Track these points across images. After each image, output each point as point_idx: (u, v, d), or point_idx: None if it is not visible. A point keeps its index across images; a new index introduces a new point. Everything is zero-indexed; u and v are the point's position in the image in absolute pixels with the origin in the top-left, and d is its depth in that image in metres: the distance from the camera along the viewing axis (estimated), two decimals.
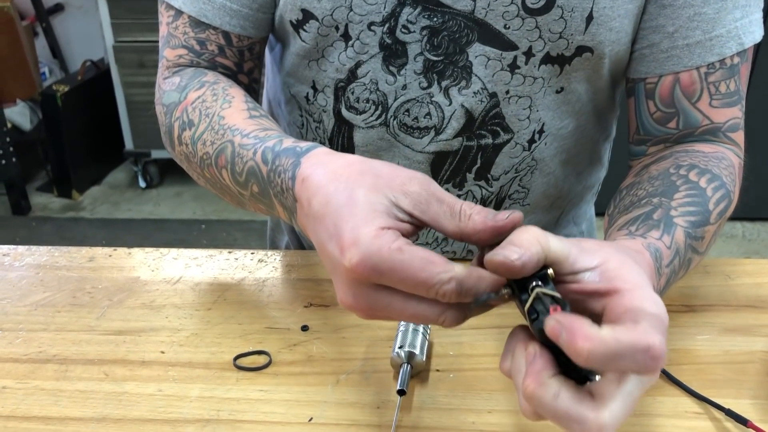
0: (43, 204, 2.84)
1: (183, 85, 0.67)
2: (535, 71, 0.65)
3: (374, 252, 0.39)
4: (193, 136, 0.63)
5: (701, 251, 0.58)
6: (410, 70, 0.67)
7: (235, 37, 0.69)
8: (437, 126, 0.68)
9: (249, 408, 0.56)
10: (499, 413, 0.55)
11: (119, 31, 2.61)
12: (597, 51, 0.64)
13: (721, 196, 0.60)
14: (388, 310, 0.41)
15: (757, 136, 2.39)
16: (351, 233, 0.40)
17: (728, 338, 0.64)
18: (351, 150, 0.72)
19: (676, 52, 0.64)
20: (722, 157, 0.64)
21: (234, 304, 0.68)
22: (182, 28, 0.69)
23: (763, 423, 0.53)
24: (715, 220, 0.59)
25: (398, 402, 0.55)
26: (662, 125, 0.68)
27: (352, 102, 0.69)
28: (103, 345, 0.63)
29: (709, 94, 0.65)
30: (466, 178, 0.72)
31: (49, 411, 0.56)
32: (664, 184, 0.60)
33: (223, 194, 0.63)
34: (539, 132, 0.69)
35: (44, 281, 0.71)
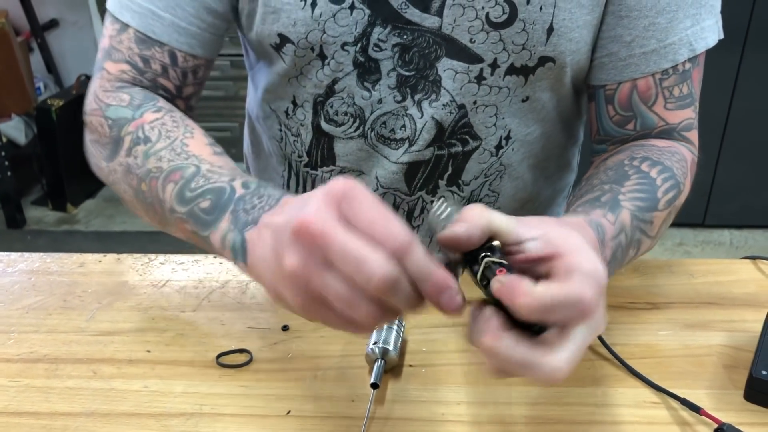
0: (38, 217, 2.87)
1: (136, 105, 0.66)
2: (501, 82, 0.69)
3: (327, 219, 0.39)
4: (147, 151, 0.62)
5: (651, 235, 0.62)
6: (384, 85, 0.70)
7: (181, 57, 0.69)
8: (410, 138, 0.72)
9: (230, 402, 0.59)
10: (468, 405, 0.58)
11: None
12: (559, 61, 0.68)
13: (671, 186, 0.64)
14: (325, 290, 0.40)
15: (742, 147, 2.45)
16: (301, 209, 0.40)
17: (688, 333, 0.67)
18: (332, 160, 0.75)
19: (633, 60, 0.68)
20: (675, 152, 0.68)
21: (218, 306, 0.71)
22: (127, 42, 0.69)
23: (716, 411, 0.56)
24: (664, 207, 0.63)
25: (372, 395, 0.58)
26: (621, 127, 0.72)
27: (331, 115, 0.73)
28: (92, 345, 0.66)
29: (664, 98, 0.70)
30: (438, 185, 0.75)
31: (39, 407, 0.59)
32: (617, 173, 0.64)
33: (146, 210, 0.63)
34: (506, 138, 0.73)
35: (36, 286, 0.74)
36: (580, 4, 0.66)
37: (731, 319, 0.69)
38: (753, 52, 2.31)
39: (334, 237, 0.39)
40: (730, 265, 0.77)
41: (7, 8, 2.84)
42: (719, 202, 2.58)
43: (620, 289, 0.73)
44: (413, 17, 0.66)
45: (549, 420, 0.57)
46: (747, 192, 2.57)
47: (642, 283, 0.74)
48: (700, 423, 0.56)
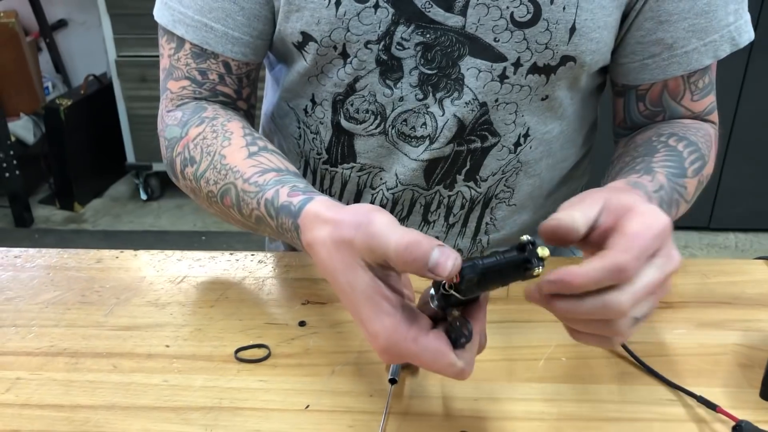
0: (45, 216, 2.88)
1: (184, 121, 0.71)
2: (523, 80, 0.70)
3: (393, 345, 0.47)
4: (195, 173, 0.67)
5: (687, 199, 0.68)
6: (406, 83, 0.71)
7: (235, 65, 0.73)
8: (431, 135, 0.72)
9: (249, 396, 0.59)
10: (485, 401, 0.59)
11: (122, 46, 2.66)
12: (579, 60, 0.69)
13: (696, 158, 0.69)
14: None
15: (748, 150, 2.45)
16: (369, 328, 0.48)
17: (703, 332, 0.67)
18: (352, 157, 0.76)
19: (676, 59, 0.71)
20: (699, 128, 0.74)
21: (235, 302, 0.71)
22: (184, 59, 0.72)
23: (732, 408, 0.56)
24: (692, 175, 0.68)
25: (390, 390, 0.58)
26: (650, 120, 0.77)
27: (352, 113, 0.73)
28: (111, 339, 0.66)
29: (691, 92, 0.74)
30: (456, 180, 0.76)
31: (60, 400, 0.59)
32: (647, 148, 0.69)
33: (234, 223, 0.68)
34: (524, 136, 0.74)
35: (54, 281, 0.75)
36: (602, 5, 0.67)
37: (746, 318, 0.69)
38: (760, 56, 2.31)
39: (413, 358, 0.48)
40: (744, 266, 0.77)
41: (16, 8, 2.86)
42: (725, 206, 2.59)
43: None
44: (437, 16, 0.67)
45: (566, 416, 0.57)
46: (752, 195, 2.58)
47: None
48: (716, 420, 0.56)
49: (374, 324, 0.48)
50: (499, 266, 0.45)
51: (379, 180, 0.76)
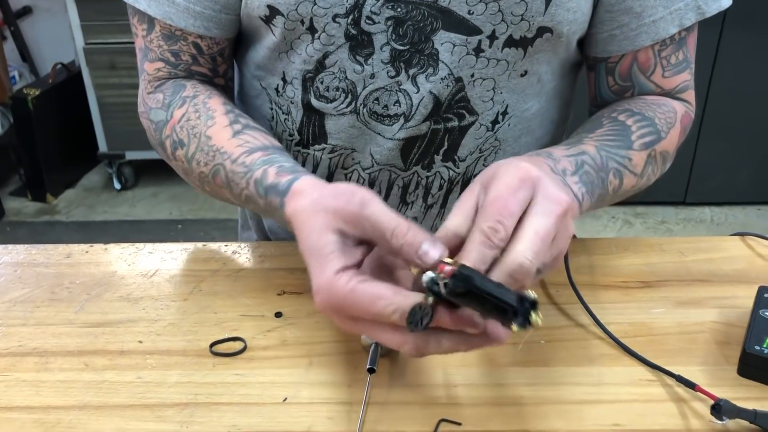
0: (17, 209, 2.82)
1: (167, 103, 0.71)
2: (499, 54, 0.69)
3: (332, 296, 0.47)
4: (186, 155, 0.68)
5: (634, 171, 0.67)
6: (377, 59, 0.69)
7: (205, 45, 0.72)
8: (406, 113, 0.71)
9: (226, 391, 0.58)
10: (465, 387, 0.58)
11: (89, 33, 2.60)
12: (556, 31, 0.68)
13: (647, 132, 0.69)
14: (363, 331, 0.50)
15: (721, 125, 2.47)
16: (315, 281, 0.48)
17: (681, 311, 0.67)
18: (323, 138, 0.75)
19: (644, 29, 0.70)
20: (662, 104, 0.72)
21: (209, 295, 0.70)
22: (156, 41, 0.72)
23: (711, 387, 0.56)
24: (640, 148, 0.68)
25: (368, 380, 0.58)
26: (619, 96, 0.75)
27: (322, 91, 0.72)
28: (83, 337, 0.65)
29: (662, 67, 0.73)
30: (434, 160, 0.75)
31: (31, 401, 0.58)
32: (593, 124, 0.70)
33: (227, 201, 0.69)
34: (503, 114, 0.73)
35: (22, 278, 0.73)
36: None
37: (723, 295, 0.69)
38: (732, 30, 2.32)
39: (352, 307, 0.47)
40: (720, 243, 0.78)
41: None
42: (700, 180, 2.61)
43: (612, 269, 0.73)
44: None
45: (545, 400, 0.57)
46: (727, 170, 2.60)
47: (633, 262, 0.74)
48: (695, 399, 0.57)
49: (315, 280, 0.48)
50: (489, 296, 0.43)
51: (351, 161, 0.75)
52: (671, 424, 0.55)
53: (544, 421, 0.55)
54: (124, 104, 2.70)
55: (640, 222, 2.62)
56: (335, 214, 0.49)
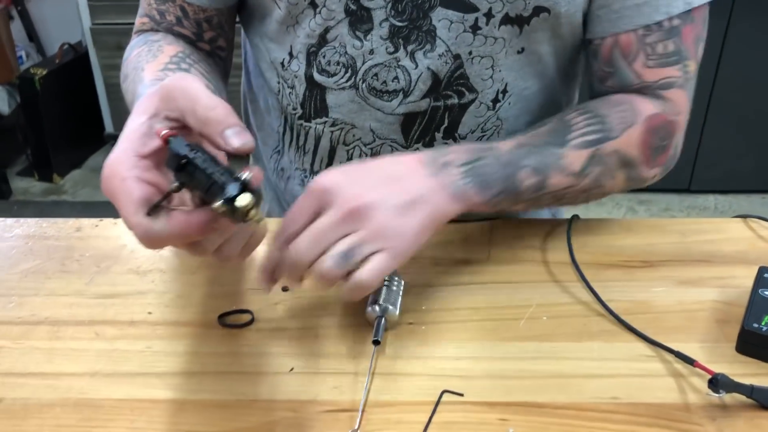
0: (24, 188, 2.84)
1: (133, 45, 0.76)
2: (496, 32, 0.69)
3: (106, 176, 0.49)
4: (125, 88, 0.71)
5: (570, 170, 0.66)
6: (376, 35, 0.70)
7: (191, 10, 0.75)
8: (405, 89, 0.72)
9: (234, 361, 0.60)
10: (467, 360, 0.60)
11: (96, 14, 2.60)
12: (553, 11, 0.68)
13: (593, 130, 0.67)
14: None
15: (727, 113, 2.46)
16: (108, 157, 0.50)
17: (681, 290, 0.68)
18: (325, 112, 0.76)
19: (626, 12, 0.68)
20: (623, 103, 0.70)
21: (218, 268, 0.71)
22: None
23: (709, 363, 0.57)
24: (579, 146, 0.66)
25: (373, 351, 0.59)
26: (603, 83, 0.73)
27: (324, 65, 0.73)
28: (93, 308, 0.66)
29: (645, 54, 0.69)
30: (435, 138, 0.76)
31: (44, 368, 0.59)
32: (539, 123, 0.69)
33: None
34: (503, 92, 0.74)
35: (34, 250, 0.74)
36: None
37: (723, 275, 0.70)
38: (740, 18, 2.31)
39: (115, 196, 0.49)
40: (722, 224, 0.78)
41: None
42: (705, 168, 2.61)
43: (614, 248, 0.74)
44: None
45: (546, 374, 0.58)
46: (732, 157, 2.60)
47: (635, 242, 0.75)
48: (693, 375, 0.58)
49: (111, 154, 0.50)
50: (201, 170, 0.45)
51: (353, 137, 0.76)
52: (669, 398, 0.56)
53: (544, 393, 0.56)
54: None
55: (644, 209, 2.63)
56: (155, 95, 0.50)
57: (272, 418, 0.54)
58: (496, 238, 0.75)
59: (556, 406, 0.55)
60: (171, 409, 0.55)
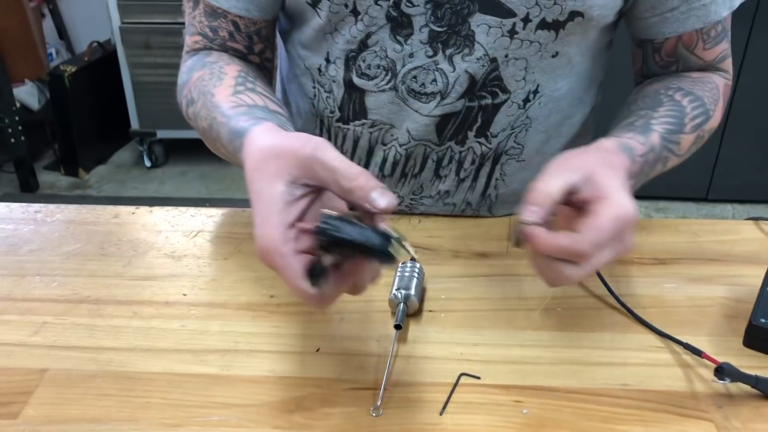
0: (50, 182, 2.91)
1: (191, 67, 0.76)
2: (532, 36, 0.72)
3: (265, 252, 0.51)
4: (195, 112, 0.73)
5: (679, 153, 0.73)
6: (416, 39, 0.73)
7: (243, 24, 0.77)
8: (442, 91, 0.75)
9: (264, 340, 0.63)
10: (484, 346, 0.63)
11: (126, 13, 2.66)
12: (587, 15, 0.72)
13: (699, 113, 0.74)
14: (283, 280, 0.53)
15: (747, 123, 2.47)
16: (257, 229, 0.51)
17: (692, 286, 0.71)
18: (363, 114, 0.79)
19: (694, 12, 0.74)
20: (708, 81, 0.77)
21: (248, 255, 0.75)
22: (198, 17, 0.78)
23: (716, 355, 0.59)
24: (690, 131, 0.73)
25: (395, 335, 0.62)
26: (664, 69, 0.80)
27: (364, 69, 0.76)
28: (131, 288, 0.70)
29: (703, 41, 0.77)
30: (467, 136, 0.79)
31: (85, 342, 0.63)
32: (653, 101, 0.74)
33: (224, 157, 0.72)
34: (534, 92, 0.77)
35: (74, 234, 0.78)
36: None
37: (733, 274, 0.72)
38: (762, 26, 2.32)
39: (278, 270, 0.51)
40: (734, 226, 0.81)
41: None
42: (723, 177, 2.61)
43: None
44: None
45: (560, 361, 0.61)
46: (750, 167, 2.60)
47: (649, 240, 0.78)
48: (701, 365, 0.60)
49: (257, 228, 0.51)
50: (351, 242, 0.49)
51: (390, 137, 0.80)
52: (676, 386, 0.58)
53: (557, 378, 0.59)
54: (157, 83, 2.77)
55: (661, 216, 2.64)
56: (288, 159, 0.51)
57: (299, 394, 0.57)
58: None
59: (569, 390, 0.58)
60: (204, 383, 0.59)
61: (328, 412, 0.56)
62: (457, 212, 0.85)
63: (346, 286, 0.53)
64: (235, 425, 0.54)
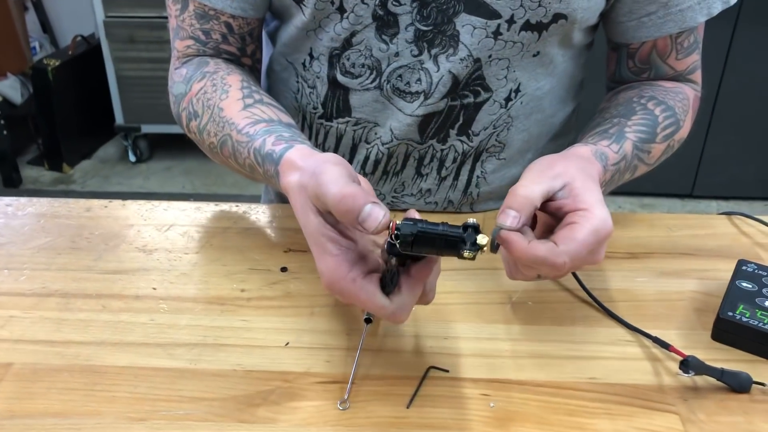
0: (34, 177, 2.89)
1: (188, 77, 0.75)
2: (516, 37, 0.72)
3: (334, 282, 0.52)
4: (199, 126, 0.72)
5: (649, 162, 0.74)
6: (402, 39, 0.73)
7: (236, 25, 0.76)
8: (426, 91, 0.75)
9: (232, 334, 0.63)
10: (454, 339, 0.63)
11: (110, 6, 2.64)
12: (571, 17, 0.72)
13: (670, 123, 0.74)
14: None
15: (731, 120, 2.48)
16: (318, 264, 0.54)
17: (663, 280, 0.71)
18: (347, 112, 0.79)
19: (671, 17, 0.74)
20: (679, 92, 0.77)
21: (219, 249, 0.75)
22: (189, 20, 0.76)
23: (685, 348, 0.60)
24: (661, 140, 0.73)
25: (365, 329, 0.62)
26: (637, 76, 0.81)
27: (348, 67, 0.76)
28: (101, 282, 0.69)
29: (676, 51, 0.78)
30: (449, 134, 0.79)
31: (53, 336, 0.63)
32: (626, 108, 0.74)
33: (236, 172, 0.72)
34: (515, 91, 0.77)
35: (45, 228, 0.78)
36: None
37: (704, 268, 0.73)
38: (746, 25, 2.33)
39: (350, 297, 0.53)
40: (707, 220, 0.81)
41: None
42: (707, 174, 2.63)
43: None
44: None
45: (530, 354, 0.61)
46: (735, 164, 2.62)
47: (623, 234, 0.78)
48: (668, 358, 0.61)
49: (319, 262, 0.53)
50: (435, 235, 0.49)
51: (374, 135, 0.79)
52: (644, 380, 0.59)
53: (526, 372, 0.59)
54: (141, 78, 2.75)
55: (647, 213, 2.65)
56: (305, 192, 0.54)
57: (266, 387, 0.57)
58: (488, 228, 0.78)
59: (536, 383, 0.58)
60: (171, 376, 0.58)
61: (295, 406, 0.56)
62: (439, 210, 0.85)
63: (417, 290, 0.53)
64: (199, 419, 0.54)
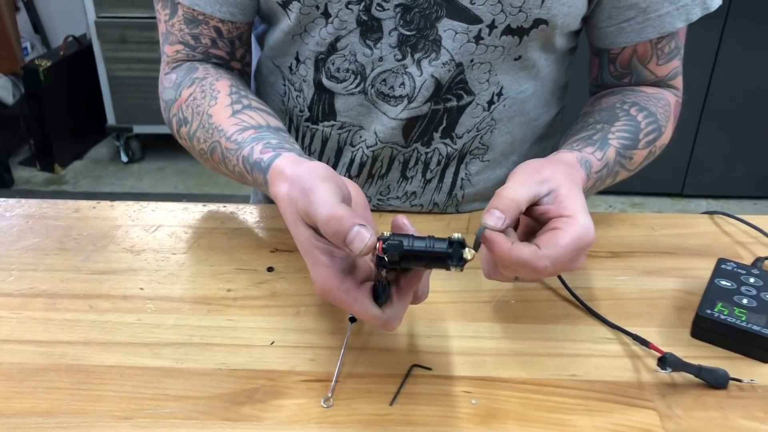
0: (26, 178, 2.88)
1: (178, 83, 0.75)
2: (497, 41, 0.73)
3: (327, 292, 0.54)
4: (189, 133, 0.73)
5: (630, 168, 0.74)
6: (386, 43, 0.74)
7: (225, 29, 0.76)
8: (409, 95, 0.76)
9: (218, 334, 0.64)
10: (437, 338, 0.63)
11: (101, 7, 2.64)
12: (551, 23, 0.72)
13: (652, 129, 0.75)
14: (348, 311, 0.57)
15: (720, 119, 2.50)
16: (311, 274, 0.55)
17: (645, 279, 0.72)
18: (333, 116, 0.80)
19: (650, 23, 0.75)
20: (660, 98, 0.78)
21: (207, 249, 0.75)
22: (178, 25, 0.76)
23: (665, 346, 0.61)
24: (644, 146, 0.74)
25: (349, 328, 0.63)
26: (618, 80, 0.81)
27: (333, 72, 0.77)
28: (88, 282, 0.70)
29: (657, 56, 0.78)
30: (432, 137, 0.79)
31: (40, 336, 0.63)
32: (609, 114, 0.75)
33: (228, 177, 0.73)
34: (498, 94, 0.78)
35: (34, 229, 0.78)
36: None
37: (685, 267, 0.74)
38: (735, 24, 2.35)
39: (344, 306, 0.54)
40: (689, 219, 0.82)
41: None
42: (697, 173, 2.65)
43: None
44: None
45: (511, 352, 0.62)
46: (725, 163, 2.64)
47: (606, 233, 0.79)
48: (648, 356, 0.61)
49: (312, 272, 0.55)
50: (422, 253, 0.50)
51: (359, 138, 0.80)
52: (624, 377, 0.60)
53: (507, 369, 0.60)
54: (133, 78, 2.75)
55: (637, 212, 2.66)
56: (294, 206, 0.55)
57: (251, 386, 0.58)
58: (474, 228, 0.79)
59: (517, 381, 0.59)
60: (157, 375, 0.59)
61: (279, 404, 0.56)
62: (425, 212, 0.86)
63: (408, 298, 0.55)
64: (184, 417, 0.55)
